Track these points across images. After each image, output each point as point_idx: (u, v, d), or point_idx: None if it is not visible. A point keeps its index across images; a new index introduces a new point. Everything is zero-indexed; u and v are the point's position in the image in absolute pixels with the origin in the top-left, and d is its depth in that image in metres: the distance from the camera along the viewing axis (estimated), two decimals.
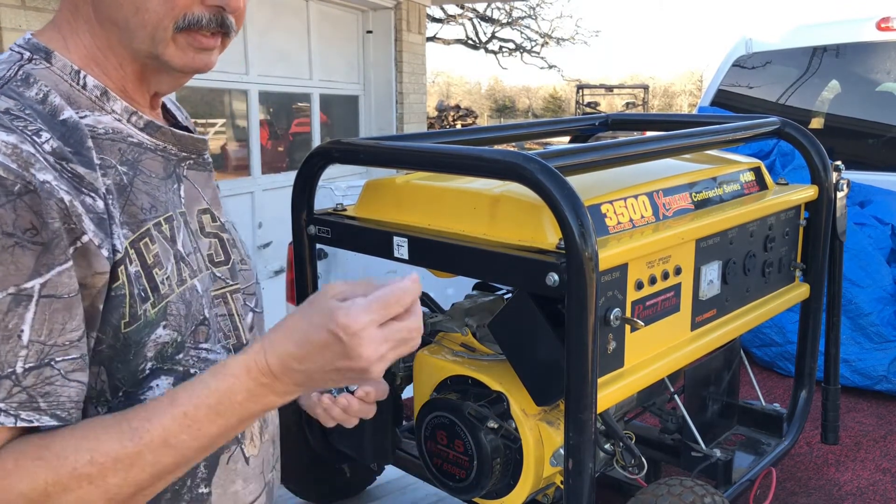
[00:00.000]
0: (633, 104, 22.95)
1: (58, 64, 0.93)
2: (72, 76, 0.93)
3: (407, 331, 0.82)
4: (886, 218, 2.77)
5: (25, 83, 0.89)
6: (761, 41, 3.71)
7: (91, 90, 0.94)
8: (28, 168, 0.81)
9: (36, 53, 0.93)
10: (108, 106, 0.95)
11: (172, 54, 0.97)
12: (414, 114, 8.77)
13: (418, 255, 1.39)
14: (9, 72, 0.90)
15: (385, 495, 2.07)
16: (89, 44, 0.96)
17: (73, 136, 0.89)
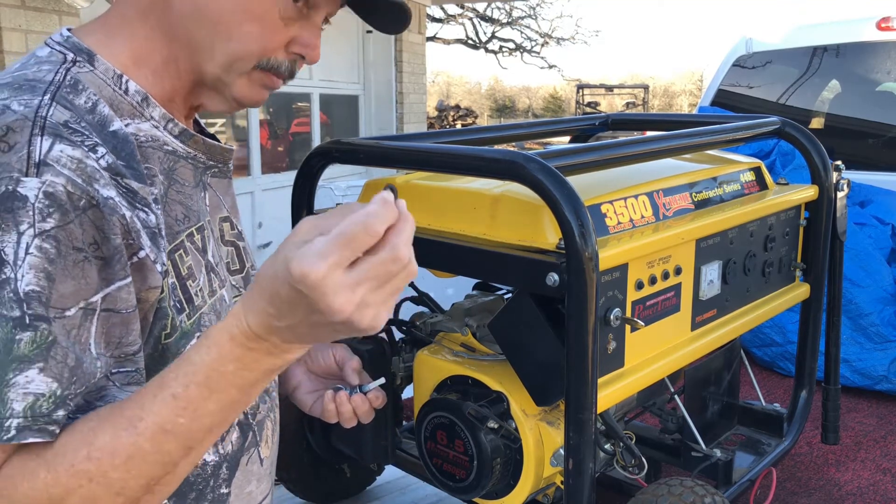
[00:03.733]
0: (633, 104, 22.94)
1: (100, 67, 0.92)
2: (114, 81, 0.92)
3: (384, 264, 0.69)
4: (887, 218, 2.77)
5: (74, 90, 0.88)
6: (761, 41, 3.70)
7: (132, 95, 0.93)
8: (92, 183, 0.81)
9: (78, 55, 0.92)
10: (148, 112, 0.95)
11: (241, 86, 0.98)
12: (414, 114, 8.77)
13: (418, 255, 1.38)
14: (56, 75, 0.88)
15: (385, 495, 2.07)
16: (144, 48, 0.95)
17: (125, 149, 0.89)
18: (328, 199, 2.20)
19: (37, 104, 0.83)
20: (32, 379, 0.75)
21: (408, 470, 1.64)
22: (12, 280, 0.75)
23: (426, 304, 1.76)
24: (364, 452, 1.60)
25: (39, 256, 0.77)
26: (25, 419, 0.74)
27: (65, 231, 0.78)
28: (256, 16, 0.93)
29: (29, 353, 0.75)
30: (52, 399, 0.76)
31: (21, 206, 0.77)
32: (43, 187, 0.78)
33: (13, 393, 0.75)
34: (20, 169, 0.78)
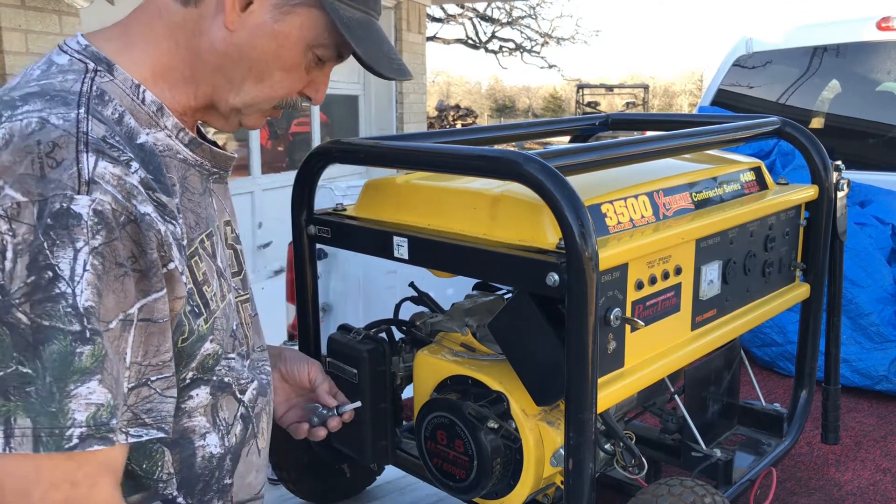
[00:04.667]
0: (633, 104, 22.94)
1: (119, 77, 0.94)
2: (132, 90, 0.95)
3: None
4: (887, 218, 2.76)
5: (101, 100, 0.91)
6: (761, 41, 3.70)
7: (149, 105, 0.96)
8: (131, 200, 0.84)
9: (98, 64, 0.94)
10: (162, 122, 0.98)
11: (253, 118, 1.06)
12: (414, 114, 8.78)
13: (418, 255, 1.39)
14: (83, 86, 0.90)
15: (385, 495, 2.07)
16: (164, 63, 0.98)
17: (152, 162, 0.92)
18: (328, 199, 2.20)
19: (75, 118, 0.85)
20: (94, 390, 0.80)
21: (408, 470, 1.64)
22: (69, 295, 0.79)
23: (426, 304, 1.76)
24: (364, 452, 1.60)
25: (93, 273, 0.80)
26: (89, 428, 0.79)
27: (110, 248, 0.82)
28: (288, 66, 1.01)
29: (90, 366, 0.79)
30: (108, 408, 0.81)
31: (76, 224, 0.79)
32: (93, 205, 0.81)
33: (75, 404, 0.78)
34: (73, 186, 0.80)
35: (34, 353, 0.77)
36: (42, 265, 0.78)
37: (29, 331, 0.77)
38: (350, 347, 1.57)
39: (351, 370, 1.56)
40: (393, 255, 1.42)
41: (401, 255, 1.41)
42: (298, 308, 1.65)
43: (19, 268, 0.77)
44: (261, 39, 0.97)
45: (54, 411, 0.77)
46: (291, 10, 0.97)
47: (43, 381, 0.77)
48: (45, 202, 0.79)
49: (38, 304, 0.77)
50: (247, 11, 0.96)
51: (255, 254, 6.45)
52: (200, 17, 0.97)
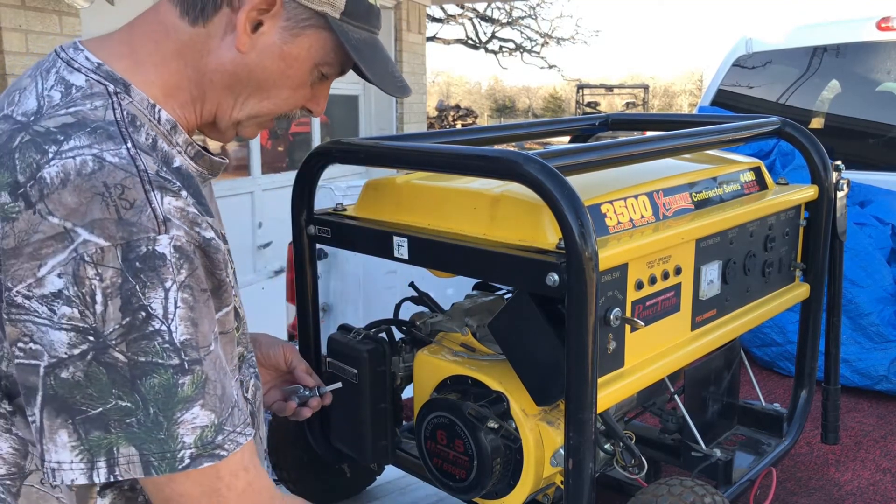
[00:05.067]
0: (633, 104, 22.94)
1: (136, 97, 0.95)
2: (149, 110, 0.96)
3: None
4: (887, 218, 2.76)
5: (133, 126, 0.92)
6: (761, 41, 3.70)
7: (164, 124, 0.97)
8: (194, 228, 0.87)
9: (116, 85, 0.94)
10: (175, 139, 0.99)
11: (251, 130, 1.08)
12: (414, 114, 8.78)
13: (418, 255, 1.39)
14: (115, 112, 0.91)
15: (385, 495, 2.06)
16: (173, 83, 0.99)
17: (191, 185, 0.93)
18: (328, 199, 2.20)
19: (127, 154, 0.86)
20: (197, 415, 0.84)
21: (408, 470, 1.64)
22: (165, 332, 0.82)
23: (426, 304, 1.76)
24: (364, 452, 1.60)
25: (184, 307, 0.84)
26: (197, 448, 0.84)
27: (194, 278, 0.86)
28: (294, 84, 1.03)
29: (191, 394, 0.84)
30: (212, 428, 0.86)
31: (162, 265, 0.82)
32: (172, 242, 0.83)
33: (182, 429, 0.83)
34: (154, 228, 0.83)
35: (132, 387, 0.81)
36: (135, 307, 0.80)
37: (126, 368, 0.81)
38: (350, 347, 1.57)
39: (351, 370, 1.56)
40: (393, 255, 1.42)
41: (401, 255, 1.41)
42: (298, 308, 1.65)
43: (111, 310, 0.80)
44: (270, 60, 0.98)
45: (163, 438, 0.82)
46: (301, 31, 0.98)
47: (146, 413, 0.81)
48: (128, 245, 0.81)
49: (133, 343, 0.81)
50: (257, 33, 0.97)
51: (255, 254, 6.45)
52: (209, 36, 0.97)
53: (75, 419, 0.80)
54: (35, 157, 0.82)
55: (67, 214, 0.79)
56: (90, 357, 0.79)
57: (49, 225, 0.79)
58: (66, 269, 0.78)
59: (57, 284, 0.79)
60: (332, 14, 0.98)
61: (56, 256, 0.79)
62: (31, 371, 0.81)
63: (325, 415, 1.69)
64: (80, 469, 0.81)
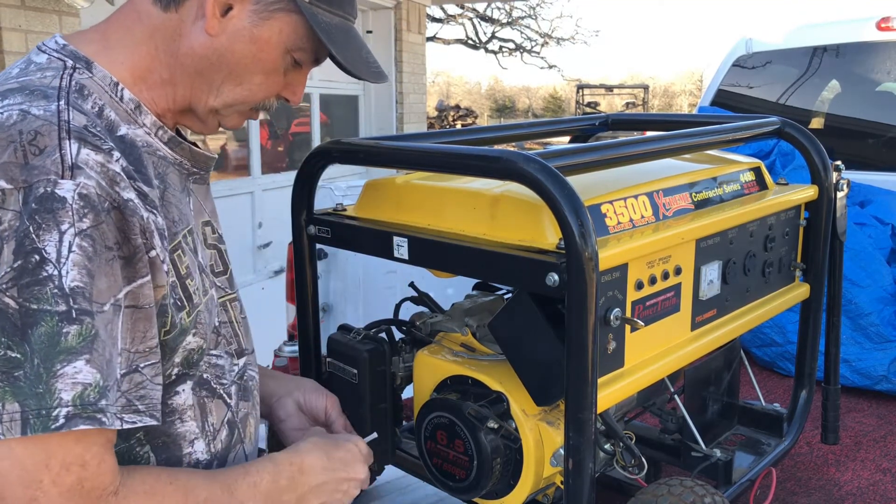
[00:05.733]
0: (633, 104, 22.94)
1: (98, 74, 0.95)
2: (110, 87, 0.96)
3: None
4: (887, 218, 2.76)
5: (81, 94, 0.92)
6: (761, 41, 3.70)
7: (127, 103, 0.97)
8: (114, 186, 0.85)
9: (77, 62, 0.95)
10: (140, 119, 0.99)
11: (232, 120, 1.08)
12: (414, 114, 8.78)
13: (418, 255, 1.39)
14: (62, 81, 0.91)
15: (385, 495, 2.06)
16: (143, 66, 0.99)
17: (132, 153, 0.93)
18: (328, 199, 2.20)
19: (55, 109, 0.86)
20: (80, 370, 0.79)
21: (408, 470, 1.64)
22: (56, 277, 0.79)
23: (426, 304, 1.76)
24: None
25: (80, 254, 0.80)
26: (75, 408, 0.78)
27: (98, 231, 0.82)
28: (267, 69, 1.02)
29: (76, 346, 0.79)
30: (96, 388, 0.80)
31: (60, 207, 0.80)
32: (77, 189, 0.81)
33: (61, 383, 0.78)
34: (56, 171, 0.81)
35: (22, 337, 0.78)
36: (28, 249, 0.78)
37: (18, 315, 0.78)
38: (350, 347, 1.57)
39: (351, 370, 1.56)
40: (393, 255, 1.42)
41: (401, 256, 1.41)
42: (298, 308, 1.65)
43: (6, 253, 0.78)
44: (240, 44, 0.98)
45: (41, 392, 0.78)
46: (271, 15, 0.98)
47: (31, 364, 0.77)
48: (29, 188, 0.79)
49: (25, 289, 0.78)
50: (227, 16, 0.97)
51: (255, 254, 6.46)
52: (181, 21, 0.98)
53: None
54: None
55: None
56: None
57: None
58: None
59: None
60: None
61: None
62: None
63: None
64: None
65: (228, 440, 1.09)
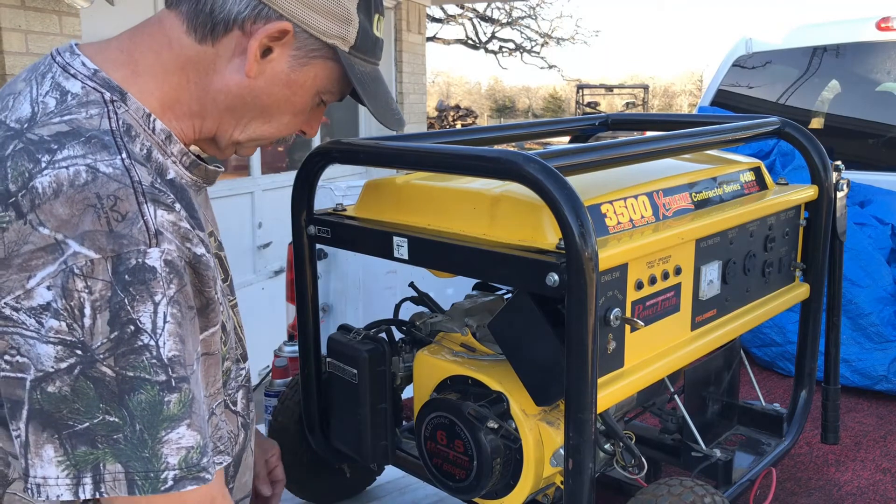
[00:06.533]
0: (633, 104, 22.95)
1: (132, 106, 0.93)
2: (144, 119, 0.94)
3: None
4: (886, 218, 2.76)
5: (129, 136, 0.90)
6: (761, 41, 3.70)
7: (158, 134, 0.96)
8: (186, 244, 0.86)
9: (112, 94, 0.92)
10: (169, 149, 0.98)
11: (250, 150, 1.09)
12: (414, 114, 8.77)
13: (418, 255, 1.39)
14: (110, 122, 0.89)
15: (385, 495, 2.07)
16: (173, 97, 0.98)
17: (184, 198, 0.92)
18: (328, 199, 2.20)
19: (122, 165, 0.85)
20: (183, 434, 0.82)
21: (408, 470, 1.64)
22: (153, 347, 0.81)
23: (426, 304, 1.76)
24: (364, 452, 1.60)
25: (173, 322, 0.82)
26: (181, 470, 0.82)
27: (182, 294, 0.84)
28: (296, 110, 1.03)
29: (178, 413, 0.82)
30: (198, 449, 0.84)
31: (152, 278, 0.81)
32: (163, 256, 0.82)
33: (167, 449, 0.81)
34: (144, 241, 0.81)
35: (120, 402, 0.79)
36: (124, 320, 0.79)
37: (114, 382, 0.79)
38: (350, 347, 1.57)
39: (351, 370, 1.56)
40: (393, 255, 1.42)
41: (401, 256, 1.41)
42: (298, 308, 1.65)
43: (100, 324, 0.78)
44: (277, 87, 0.98)
45: (147, 456, 0.80)
46: (309, 61, 0.98)
47: (132, 429, 0.80)
48: (118, 258, 0.79)
49: (121, 357, 0.79)
50: (266, 59, 0.96)
51: (255, 254, 6.45)
52: (217, 56, 0.96)
53: (62, 434, 0.78)
54: (27, 165, 0.81)
55: (59, 226, 0.78)
56: (77, 371, 0.78)
57: (40, 236, 0.78)
58: (55, 282, 0.77)
59: (46, 297, 0.77)
60: (342, 47, 0.99)
61: (46, 268, 0.78)
62: (17, 384, 0.79)
63: (326, 415, 1.69)
64: (66, 485, 0.79)
65: (244, 441, 1.13)
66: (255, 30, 0.93)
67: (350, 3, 0.98)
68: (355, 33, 0.99)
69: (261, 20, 0.93)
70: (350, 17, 0.98)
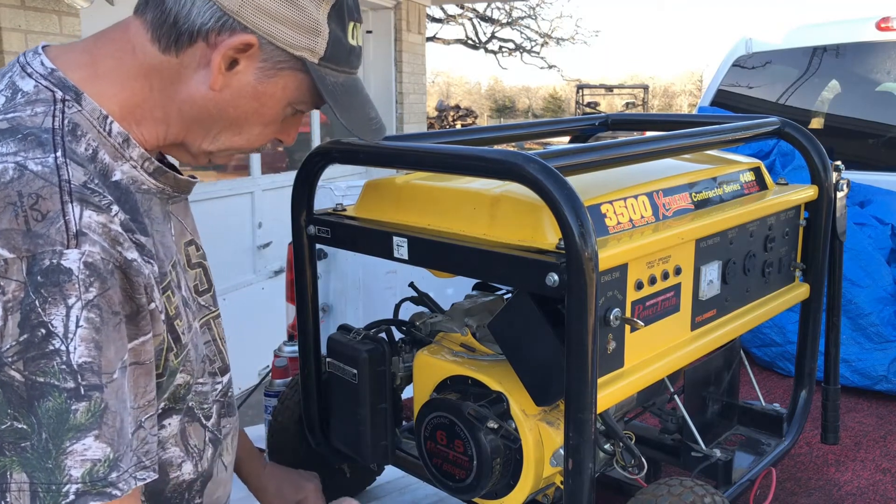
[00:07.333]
0: (633, 104, 22.95)
1: (87, 108, 0.92)
2: (99, 121, 0.92)
3: None
4: (886, 218, 2.76)
5: (74, 136, 0.88)
6: (761, 41, 3.70)
7: (115, 137, 0.94)
8: (116, 247, 0.83)
9: (66, 93, 0.91)
10: (128, 153, 0.95)
11: (222, 158, 1.07)
12: (414, 114, 8.77)
13: (418, 255, 1.39)
14: (54, 120, 0.88)
15: (385, 495, 2.06)
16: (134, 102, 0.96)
17: (128, 201, 0.91)
18: (328, 199, 2.20)
19: (53, 163, 0.83)
20: (89, 446, 0.79)
21: (408, 470, 1.64)
22: (63, 352, 0.78)
23: (426, 304, 1.76)
24: (364, 452, 1.60)
25: (88, 327, 0.79)
26: (84, 484, 0.78)
27: (104, 298, 0.81)
28: (266, 121, 1.01)
29: (85, 422, 0.78)
30: (106, 463, 0.80)
31: (66, 280, 0.78)
32: (83, 258, 0.79)
33: (70, 460, 0.78)
34: (61, 241, 0.79)
35: (29, 409, 0.77)
36: (34, 323, 0.77)
37: (23, 388, 0.76)
38: (350, 347, 1.57)
39: (351, 370, 1.56)
40: (393, 255, 1.42)
41: (400, 256, 1.41)
42: (298, 308, 1.65)
43: (10, 325, 0.76)
44: (243, 99, 0.96)
45: (51, 467, 0.77)
46: (277, 73, 0.96)
47: (39, 437, 0.77)
48: (33, 258, 0.77)
49: (31, 362, 0.77)
50: (232, 71, 0.94)
51: (255, 254, 6.45)
52: (181, 66, 0.94)
53: None
54: None
55: None
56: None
57: None
58: None
59: None
60: (311, 59, 0.96)
61: None
62: None
63: (325, 415, 1.69)
64: None
65: (212, 457, 1.10)
66: (220, 42, 0.92)
67: (319, 13, 0.95)
68: (325, 44, 0.97)
69: (225, 32, 0.91)
70: (319, 29, 0.96)
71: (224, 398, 1.14)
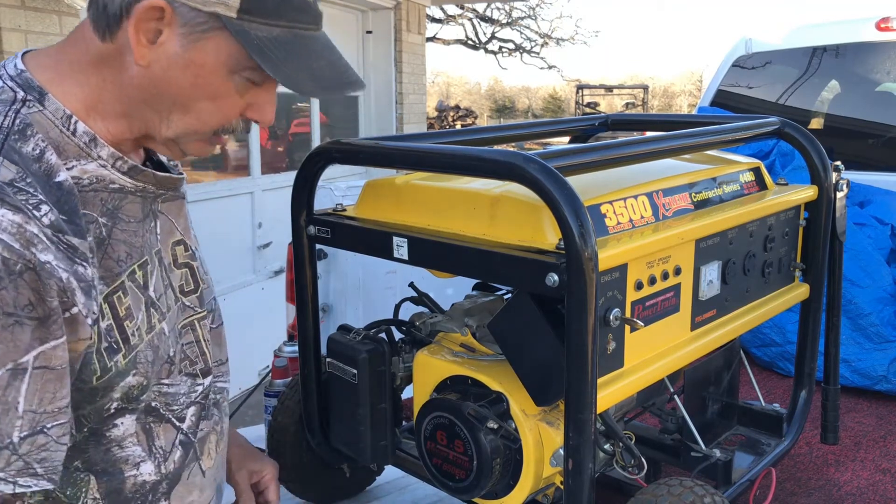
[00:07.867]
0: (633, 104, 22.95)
1: (50, 108, 0.91)
2: (62, 121, 0.92)
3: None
4: (886, 218, 2.76)
5: (23, 136, 0.88)
6: (761, 41, 3.70)
7: (80, 136, 0.93)
8: (29, 247, 0.81)
9: (29, 93, 0.91)
10: (95, 152, 0.94)
11: (195, 147, 1.01)
12: (414, 114, 8.77)
13: (418, 255, 1.39)
14: (6, 119, 0.88)
15: (385, 495, 2.06)
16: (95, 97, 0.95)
17: (68, 202, 0.88)
18: (328, 199, 2.20)
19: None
20: None
21: (408, 470, 1.64)
22: None
23: (426, 304, 1.76)
24: (364, 452, 1.60)
25: None
26: None
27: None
28: (211, 94, 0.94)
29: None
30: None
31: None
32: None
33: None
34: None
35: None
36: None
37: None
38: (350, 348, 1.57)
39: (350, 370, 1.56)
40: (393, 255, 1.42)
41: (400, 256, 1.41)
42: (298, 308, 1.65)
43: None
44: (175, 71, 0.92)
45: None
46: (201, 36, 0.91)
47: None
48: None
49: None
50: (157, 44, 0.91)
51: (255, 254, 6.45)
52: (119, 52, 0.93)
53: None
54: None
55: None
56: None
57: None
58: None
59: None
60: (227, 13, 0.90)
61: None
62: None
63: (325, 415, 1.69)
64: None
65: (182, 460, 1.08)
66: (131, 14, 0.89)
67: None
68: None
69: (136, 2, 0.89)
70: None
71: (204, 400, 1.12)
